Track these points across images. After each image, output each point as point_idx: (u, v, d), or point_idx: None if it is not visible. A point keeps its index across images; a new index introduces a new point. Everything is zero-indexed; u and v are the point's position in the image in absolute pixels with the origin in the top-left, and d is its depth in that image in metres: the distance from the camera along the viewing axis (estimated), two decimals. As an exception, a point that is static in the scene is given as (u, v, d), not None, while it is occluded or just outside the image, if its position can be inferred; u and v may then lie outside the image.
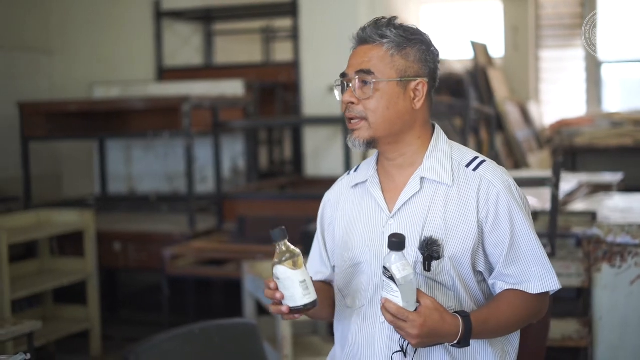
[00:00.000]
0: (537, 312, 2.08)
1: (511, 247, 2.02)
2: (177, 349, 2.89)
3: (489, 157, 2.14)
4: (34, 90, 6.62)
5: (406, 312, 1.86)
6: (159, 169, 6.40)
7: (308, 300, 1.96)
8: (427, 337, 1.88)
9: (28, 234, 5.11)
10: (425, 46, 2.08)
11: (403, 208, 2.07)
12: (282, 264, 1.94)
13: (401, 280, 1.85)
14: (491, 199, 2.02)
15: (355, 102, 2.05)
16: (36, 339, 4.98)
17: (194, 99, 5.45)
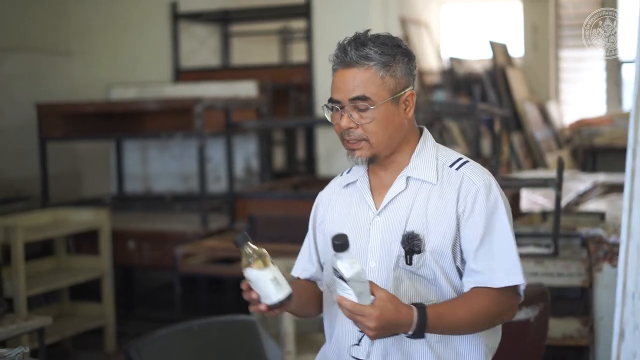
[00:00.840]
0: (503, 311, 2.08)
1: (483, 243, 2.07)
2: (177, 345, 2.96)
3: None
4: (53, 91, 6.74)
5: (362, 307, 1.90)
6: (174, 169, 6.50)
7: (282, 295, 2.00)
8: (383, 329, 1.93)
9: (44, 233, 5.23)
10: (407, 57, 2.14)
11: (389, 206, 2.15)
12: (250, 267, 1.99)
13: (350, 278, 1.89)
14: (470, 195, 2.09)
15: (354, 126, 2.11)
16: (51, 334, 5.11)
17: (206, 100, 5.54)
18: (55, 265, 5.53)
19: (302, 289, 2.27)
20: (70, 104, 6.16)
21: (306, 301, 2.29)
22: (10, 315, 3.70)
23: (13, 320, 3.64)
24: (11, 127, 6.33)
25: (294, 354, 3.79)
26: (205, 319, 3.11)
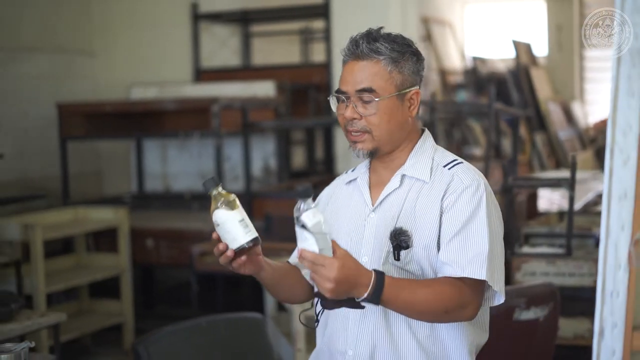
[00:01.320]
0: (464, 303, 2.04)
1: (456, 236, 2.07)
2: (185, 341, 3.00)
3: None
4: (76, 91, 6.83)
5: (323, 257, 1.88)
6: (193, 167, 6.56)
7: (250, 237, 2.01)
8: (342, 284, 1.89)
9: (63, 231, 5.31)
10: (416, 56, 2.19)
11: (383, 202, 2.19)
12: (219, 209, 2.00)
13: (312, 227, 1.88)
14: (456, 192, 2.11)
15: (358, 117, 2.15)
16: (70, 331, 5.20)
17: (223, 100, 5.60)
18: (75, 263, 5.62)
19: (287, 271, 2.28)
20: (90, 104, 6.25)
21: (289, 284, 2.29)
22: (27, 312, 3.77)
23: (29, 316, 3.71)
24: (34, 126, 6.43)
25: (304, 352, 3.84)
26: (213, 316, 3.16)
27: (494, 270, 2.06)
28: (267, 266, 2.17)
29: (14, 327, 3.56)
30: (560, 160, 9.46)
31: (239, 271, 2.11)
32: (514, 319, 3.34)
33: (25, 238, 4.90)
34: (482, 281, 2.05)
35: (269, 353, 3.14)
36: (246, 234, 2.01)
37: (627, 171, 1.50)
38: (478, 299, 2.08)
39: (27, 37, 6.53)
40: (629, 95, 1.47)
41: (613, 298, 1.55)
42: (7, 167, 6.13)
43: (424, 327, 2.12)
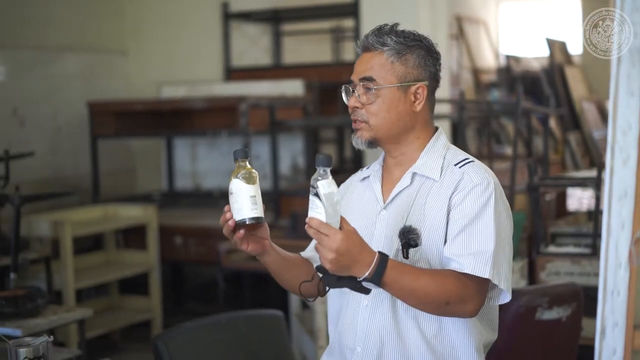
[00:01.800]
0: (463, 297, 2.03)
1: (461, 232, 2.06)
2: (204, 337, 3.03)
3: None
4: (108, 90, 6.91)
5: (329, 227, 1.89)
6: (222, 166, 6.60)
7: (254, 214, 2.03)
8: (343, 257, 1.90)
9: (92, 227, 5.38)
10: (425, 51, 2.20)
11: (394, 200, 2.20)
12: (237, 178, 2.05)
13: (324, 196, 1.89)
14: (465, 189, 2.11)
15: (359, 106, 2.18)
16: (99, 327, 5.28)
17: (251, 99, 5.63)
18: (105, 260, 5.69)
19: (297, 262, 2.31)
20: (120, 103, 6.32)
21: (295, 274, 2.28)
22: (53, 307, 3.82)
23: (55, 312, 3.76)
24: (67, 125, 6.52)
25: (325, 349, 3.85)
26: (233, 313, 3.18)
27: (500, 268, 2.06)
28: (273, 252, 2.20)
29: (40, 322, 3.61)
30: (594, 159, 9.37)
31: (241, 246, 2.13)
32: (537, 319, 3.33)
33: (55, 235, 4.97)
34: (486, 279, 2.05)
35: (288, 350, 3.16)
36: (251, 210, 2.04)
37: (627, 170, 1.50)
38: (481, 296, 2.07)
39: (62, 37, 6.62)
40: (628, 95, 1.47)
41: (614, 297, 1.55)
42: (40, 165, 6.23)
43: (432, 325, 2.13)
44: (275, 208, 5.72)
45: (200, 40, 7.19)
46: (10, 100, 6.10)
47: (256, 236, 2.13)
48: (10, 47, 6.13)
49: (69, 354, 3.78)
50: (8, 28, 6.15)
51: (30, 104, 6.26)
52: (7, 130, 6.05)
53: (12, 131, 6.08)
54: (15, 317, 3.58)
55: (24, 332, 3.47)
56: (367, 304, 2.17)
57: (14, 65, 6.18)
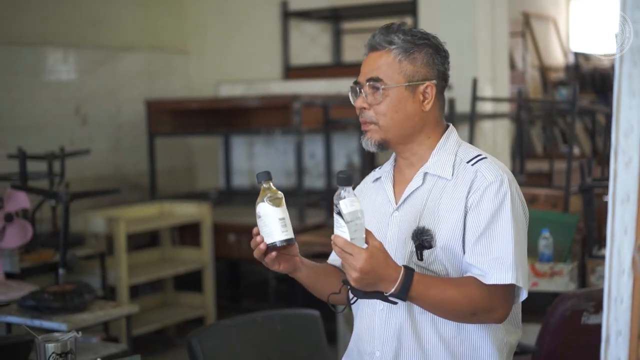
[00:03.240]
0: (489, 307, 2.02)
1: (481, 237, 2.04)
2: (239, 336, 3.03)
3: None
4: (169, 88, 7.00)
5: (353, 246, 1.90)
6: (279, 164, 6.62)
7: (285, 236, 2.06)
8: (367, 275, 1.91)
9: (146, 224, 5.46)
10: (433, 49, 2.16)
11: (407, 201, 2.17)
12: (263, 202, 2.07)
13: (348, 215, 1.90)
14: (480, 189, 2.07)
15: (367, 107, 2.15)
16: (153, 322, 5.35)
17: (304, 97, 5.63)
18: (160, 256, 5.77)
19: (326, 271, 2.32)
20: (177, 101, 6.40)
21: (327, 284, 2.30)
22: (100, 302, 3.88)
23: (102, 307, 3.82)
24: (128, 123, 6.63)
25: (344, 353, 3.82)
26: (269, 311, 3.18)
27: (519, 268, 2.03)
28: (304, 267, 2.22)
29: (86, 317, 3.67)
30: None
31: (272, 267, 2.16)
32: (582, 323, 3.26)
33: (109, 231, 5.06)
34: (510, 284, 2.02)
35: (323, 350, 3.15)
36: (282, 232, 2.06)
37: (629, 173, 1.44)
38: (508, 303, 2.05)
39: (124, 36, 6.74)
40: (630, 95, 1.42)
41: (617, 304, 1.49)
42: (102, 162, 6.35)
43: (450, 327, 2.10)
44: (327, 206, 5.71)
45: (259, 39, 7.22)
46: (73, 98, 6.23)
47: (287, 255, 2.15)
48: (73, 47, 6.26)
49: (115, 349, 3.86)
50: (71, 28, 6.28)
51: (92, 102, 6.38)
52: (70, 128, 6.17)
53: (75, 129, 6.21)
54: (63, 312, 3.64)
55: (70, 327, 3.53)
56: (382, 308, 2.15)
57: (76, 64, 6.31)
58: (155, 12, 7.02)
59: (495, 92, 6.34)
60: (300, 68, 7.19)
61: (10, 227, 4.00)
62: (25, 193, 4.07)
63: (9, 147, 5.09)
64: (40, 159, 4.80)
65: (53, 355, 2.38)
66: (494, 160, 2.15)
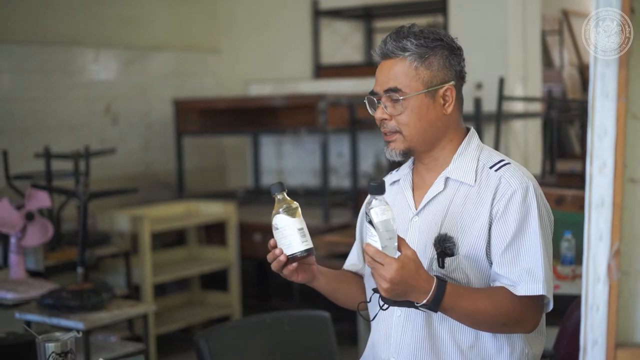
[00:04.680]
0: (522, 319, 2.01)
1: (509, 247, 2.00)
2: (247, 337, 3.02)
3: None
4: (200, 88, 7.02)
5: (384, 255, 1.87)
6: (307, 163, 6.61)
7: (305, 246, 2.03)
8: (398, 284, 1.88)
9: (172, 223, 5.48)
10: (448, 50, 2.11)
11: (427, 206, 2.12)
12: (280, 214, 2.03)
13: (378, 224, 1.87)
14: (505, 197, 2.03)
15: (387, 118, 2.11)
16: (178, 321, 5.38)
17: (330, 97, 5.61)
18: (187, 255, 5.79)
19: (344, 278, 2.30)
20: (204, 100, 6.42)
21: (345, 291, 2.29)
22: (118, 301, 3.91)
23: (119, 306, 3.84)
24: (158, 122, 6.66)
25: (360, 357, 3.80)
26: (278, 312, 3.17)
27: (549, 279, 2.00)
28: (322, 276, 2.20)
29: (103, 316, 3.70)
30: None
31: (291, 278, 2.13)
32: None
33: (134, 229, 5.09)
34: (541, 295, 1.99)
35: (332, 352, 3.12)
36: (302, 242, 2.04)
37: (603, 178, 1.40)
38: (538, 314, 2.03)
39: (156, 36, 6.77)
40: (603, 97, 1.37)
41: (593, 313, 1.45)
42: (132, 161, 6.40)
43: (468, 336, 2.06)
44: (353, 206, 5.68)
45: (290, 38, 7.21)
46: (104, 97, 6.28)
47: (305, 264, 2.12)
48: (104, 46, 6.31)
49: (133, 348, 3.88)
50: (103, 28, 6.33)
51: (123, 101, 6.42)
52: (100, 127, 6.23)
53: (105, 128, 6.26)
54: (80, 310, 3.67)
55: (87, 326, 3.57)
56: (399, 315, 2.11)
57: (107, 64, 6.35)
58: (186, 12, 7.05)
59: (526, 91, 6.26)
60: (330, 67, 7.16)
61: (31, 225, 4.04)
62: (46, 192, 4.11)
63: (40, 146, 5.15)
64: (66, 158, 4.84)
65: (53, 354, 2.39)
66: (517, 165, 2.10)
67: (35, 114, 5.78)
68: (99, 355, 3.65)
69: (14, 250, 4.02)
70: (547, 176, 5.85)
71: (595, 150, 1.40)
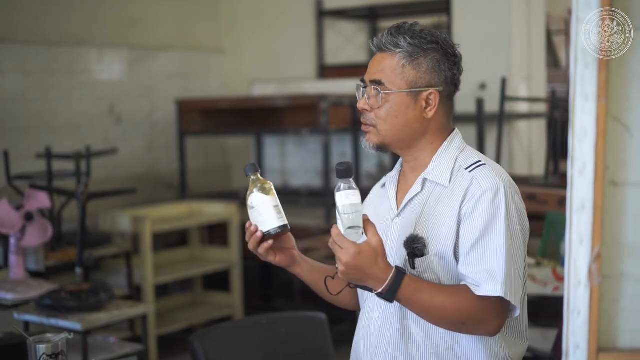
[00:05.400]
0: (480, 319, 1.97)
1: (474, 247, 1.98)
2: (243, 338, 3.01)
3: None
4: (204, 88, 7.03)
5: (344, 239, 1.90)
6: (310, 164, 6.60)
7: (282, 222, 2.07)
8: (354, 270, 1.90)
9: (174, 224, 5.48)
10: (441, 54, 2.09)
11: (407, 207, 2.12)
12: (255, 192, 2.07)
13: (341, 208, 1.90)
14: (475, 197, 2.01)
15: (368, 109, 2.11)
16: (180, 321, 5.37)
17: (332, 97, 5.60)
18: (189, 256, 5.79)
19: (330, 272, 2.28)
20: (206, 100, 6.42)
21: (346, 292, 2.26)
22: (117, 302, 3.90)
23: (118, 307, 3.83)
24: (162, 122, 6.67)
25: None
26: (274, 314, 3.16)
27: (510, 282, 1.96)
28: (303, 263, 2.23)
29: (101, 316, 3.69)
30: None
31: (267, 258, 2.16)
32: (599, 330, 3.17)
33: (135, 230, 5.08)
34: (502, 298, 1.96)
35: (328, 353, 3.11)
36: (278, 219, 2.07)
37: (583, 180, 1.38)
38: (500, 317, 1.99)
39: (160, 36, 6.78)
40: (582, 99, 1.36)
41: (574, 317, 1.44)
42: (135, 161, 6.40)
43: (444, 339, 2.05)
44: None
45: (294, 38, 7.21)
46: (108, 97, 6.29)
47: (282, 247, 2.15)
48: (108, 46, 6.32)
49: (131, 349, 3.87)
50: (107, 28, 6.34)
51: (126, 101, 6.43)
52: (104, 127, 6.23)
53: (109, 128, 6.26)
54: (78, 311, 3.67)
55: (85, 327, 3.56)
56: (378, 316, 2.12)
57: (111, 64, 6.36)
58: (190, 12, 7.05)
59: (531, 92, 6.23)
60: (335, 67, 7.15)
61: (30, 226, 4.04)
62: (46, 193, 4.11)
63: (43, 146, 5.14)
64: (67, 158, 4.85)
65: (44, 356, 2.38)
66: (493, 166, 2.08)
67: (38, 114, 5.79)
68: (96, 356, 3.65)
69: (13, 251, 4.02)
70: (550, 177, 5.82)
71: (575, 152, 1.39)
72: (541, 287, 3.97)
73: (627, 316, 1.43)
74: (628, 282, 1.43)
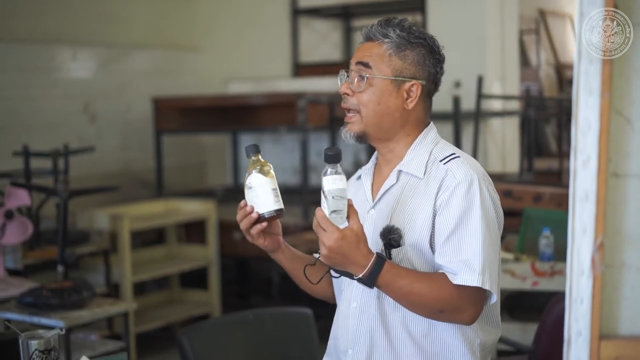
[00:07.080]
0: (457, 307, 2.01)
1: (450, 238, 2.02)
2: (230, 334, 3.02)
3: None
4: (179, 86, 7.01)
5: (328, 223, 1.93)
6: (287, 162, 6.62)
7: (278, 206, 2.08)
8: (336, 254, 1.94)
9: (152, 222, 5.47)
10: (427, 50, 2.14)
11: (382, 199, 2.17)
12: (255, 173, 2.08)
13: (327, 192, 1.93)
14: (449, 188, 2.05)
15: (350, 93, 2.15)
16: (157, 319, 5.36)
17: (309, 95, 5.62)
18: (166, 254, 5.78)
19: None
20: (182, 98, 6.42)
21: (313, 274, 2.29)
22: (98, 299, 3.89)
23: (100, 304, 3.83)
24: (137, 120, 6.64)
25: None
26: (261, 309, 3.18)
27: (487, 271, 2.00)
28: (286, 250, 2.26)
29: (84, 314, 3.68)
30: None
31: (256, 241, 2.18)
32: (579, 323, 3.22)
33: (113, 228, 5.07)
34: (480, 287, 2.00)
35: (314, 349, 3.13)
36: (275, 202, 2.08)
37: (587, 172, 1.42)
38: (476, 305, 2.03)
39: (134, 34, 6.75)
40: (587, 93, 1.40)
41: (577, 305, 1.47)
42: (110, 159, 6.37)
43: (421, 326, 2.09)
44: (334, 205, 5.68)
45: (269, 37, 7.22)
46: (82, 95, 6.25)
47: (270, 232, 2.17)
48: (83, 44, 6.28)
49: (113, 346, 3.88)
50: (82, 26, 6.30)
51: (101, 99, 6.40)
52: (79, 125, 6.20)
53: (83, 126, 6.23)
54: (61, 309, 3.66)
55: (67, 324, 3.55)
56: (356, 306, 2.15)
57: (87, 62, 6.33)
58: (165, 10, 7.03)
59: (504, 90, 6.30)
60: (310, 65, 7.18)
61: (10, 224, 4.02)
62: (26, 190, 4.09)
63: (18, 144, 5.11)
64: (45, 156, 4.82)
65: (36, 352, 2.38)
66: (467, 159, 2.13)
67: (13, 112, 5.75)
68: (79, 354, 3.64)
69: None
70: (524, 174, 5.89)
71: (579, 145, 1.42)
72: (520, 281, 4.03)
73: (628, 304, 1.47)
74: (629, 271, 1.47)
